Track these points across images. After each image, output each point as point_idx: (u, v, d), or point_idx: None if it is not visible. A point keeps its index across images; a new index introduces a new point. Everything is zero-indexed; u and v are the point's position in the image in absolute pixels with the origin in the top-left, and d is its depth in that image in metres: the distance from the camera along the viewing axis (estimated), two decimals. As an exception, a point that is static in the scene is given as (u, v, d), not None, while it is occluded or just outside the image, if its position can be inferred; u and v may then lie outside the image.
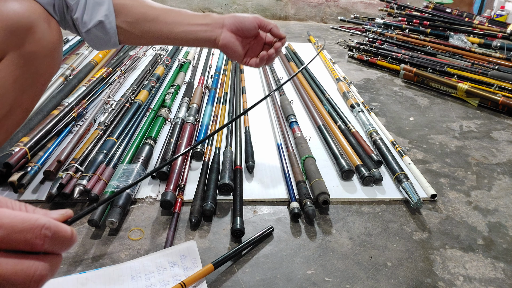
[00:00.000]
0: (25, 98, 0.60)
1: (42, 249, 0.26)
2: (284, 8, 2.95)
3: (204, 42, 0.71)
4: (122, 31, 0.67)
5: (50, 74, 0.64)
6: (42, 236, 0.25)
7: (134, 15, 0.67)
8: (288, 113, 1.21)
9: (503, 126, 1.33)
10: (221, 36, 0.71)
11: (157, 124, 1.09)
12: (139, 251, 0.72)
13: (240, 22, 0.71)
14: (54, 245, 0.26)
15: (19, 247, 0.25)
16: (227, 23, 0.70)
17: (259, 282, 0.67)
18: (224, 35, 0.70)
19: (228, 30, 0.71)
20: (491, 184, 1.00)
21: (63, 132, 1.02)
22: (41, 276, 0.25)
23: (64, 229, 0.27)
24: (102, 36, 0.66)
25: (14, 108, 0.59)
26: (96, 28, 0.65)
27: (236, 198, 0.83)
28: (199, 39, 0.71)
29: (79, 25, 0.65)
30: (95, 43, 0.68)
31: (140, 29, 0.68)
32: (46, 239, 0.25)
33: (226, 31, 0.71)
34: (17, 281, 0.24)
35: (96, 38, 0.67)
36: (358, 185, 0.94)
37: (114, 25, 0.66)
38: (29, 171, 0.84)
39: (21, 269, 0.24)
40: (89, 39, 0.68)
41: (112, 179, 0.84)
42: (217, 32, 0.70)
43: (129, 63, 1.54)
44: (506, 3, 2.75)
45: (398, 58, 1.82)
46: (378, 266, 0.72)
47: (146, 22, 0.67)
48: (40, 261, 0.25)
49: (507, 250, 0.77)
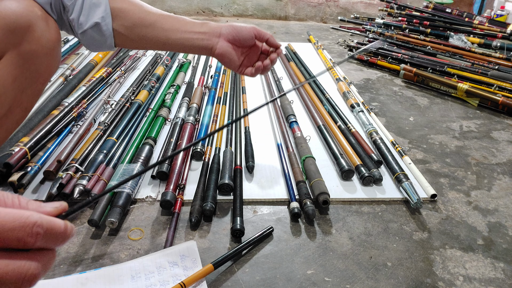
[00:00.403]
0: (24, 97, 0.60)
1: (34, 246, 0.25)
2: (284, 8, 2.95)
3: (201, 50, 0.72)
4: (119, 35, 0.67)
5: (49, 73, 0.64)
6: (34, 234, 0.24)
7: (131, 20, 0.67)
8: (288, 113, 1.21)
9: (503, 126, 1.33)
10: (217, 45, 0.71)
11: (157, 124, 1.09)
12: (139, 251, 0.72)
13: (237, 32, 0.71)
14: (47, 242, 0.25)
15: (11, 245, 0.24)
16: (224, 32, 0.71)
17: (259, 282, 0.67)
18: (221, 44, 0.71)
19: (224, 39, 0.71)
20: (491, 184, 1.00)
21: (63, 132, 1.02)
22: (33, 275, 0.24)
23: (58, 225, 0.26)
24: (98, 38, 0.66)
25: (14, 107, 0.59)
26: (92, 29, 0.64)
27: (236, 198, 0.83)
28: (195, 47, 0.71)
29: (75, 26, 0.65)
30: (90, 44, 0.68)
31: (137, 34, 0.68)
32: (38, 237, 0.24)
33: (223, 40, 0.71)
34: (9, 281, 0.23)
35: (92, 40, 0.67)
36: (358, 185, 0.94)
37: (110, 28, 0.66)
38: (29, 171, 0.84)
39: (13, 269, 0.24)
40: (84, 41, 0.67)
41: (112, 179, 0.84)
42: (214, 41, 0.70)
43: (129, 63, 1.54)
44: (506, 3, 2.75)
45: (398, 58, 1.82)
46: (378, 266, 0.72)
47: (143, 27, 0.67)
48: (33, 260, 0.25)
49: (507, 250, 0.77)
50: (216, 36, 0.70)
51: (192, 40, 0.70)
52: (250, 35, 0.72)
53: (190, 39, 0.69)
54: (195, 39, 0.70)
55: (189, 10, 2.90)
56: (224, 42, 0.71)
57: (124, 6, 0.66)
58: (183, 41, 0.69)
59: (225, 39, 0.71)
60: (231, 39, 0.71)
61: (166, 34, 0.68)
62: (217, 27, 0.71)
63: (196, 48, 0.71)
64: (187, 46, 0.70)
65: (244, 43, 0.73)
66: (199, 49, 0.71)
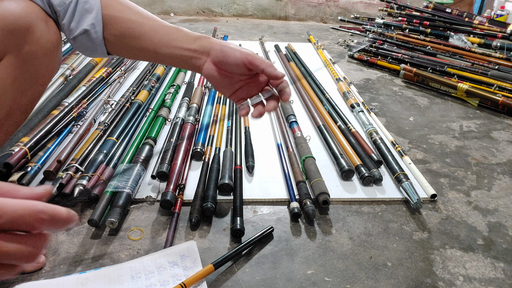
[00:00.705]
0: (24, 99, 0.60)
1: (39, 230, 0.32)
2: (284, 8, 2.95)
3: (189, 67, 0.65)
4: (109, 44, 0.64)
5: (49, 74, 0.63)
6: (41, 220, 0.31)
7: (120, 29, 0.63)
8: (288, 113, 1.21)
9: (503, 126, 1.33)
10: (203, 66, 0.63)
11: (157, 124, 1.09)
12: (139, 251, 0.72)
13: (223, 57, 0.61)
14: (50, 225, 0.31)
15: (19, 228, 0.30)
16: (212, 54, 0.62)
17: (259, 282, 0.67)
18: (206, 65, 0.62)
19: (210, 61, 0.62)
20: (491, 184, 1.00)
21: (63, 132, 1.02)
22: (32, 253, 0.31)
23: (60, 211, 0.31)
24: (88, 45, 0.63)
25: (14, 109, 0.59)
26: (82, 36, 0.62)
27: (236, 198, 0.83)
28: (184, 64, 0.65)
29: (66, 32, 0.63)
30: (83, 51, 0.66)
31: (126, 44, 0.64)
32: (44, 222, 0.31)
33: (209, 61, 0.62)
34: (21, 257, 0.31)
35: (84, 46, 0.64)
36: (358, 185, 0.94)
37: (100, 35, 0.62)
38: (29, 171, 0.84)
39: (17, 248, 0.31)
40: (76, 47, 0.65)
41: (112, 179, 0.84)
42: (202, 61, 0.63)
43: (129, 63, 1.54)
44: (506, 3, 2.75)
45: (398, 58, 1.82)
46: (378, 266, 0.72)
47: (132, 38, 0.63)
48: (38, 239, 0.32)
49: (507, 250, 0.77)
50: (205, 55, 0.62)
51: (181, 57, 0.63)
52: (237, 62, 0.60)
53: (178, 56, 0.63)
54: (183, 56, 0.63)
55: (189, 10, 2.90)
56: (210, 64, 0.62)
57: (116, 15, 0.63)
58: (172, 56, 0.64)
59: (211, 60, 0.62)
60: (216, 62, 0.62)
61: (155, 47, 0.63)
62: (208, 44, 0.62)
63: (185, 65, 0.65)
64: (176, 62, 0.65)
65: (230, 69, 0.62)
66: (188, 66, 0.65)
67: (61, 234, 0.74)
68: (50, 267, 0.67)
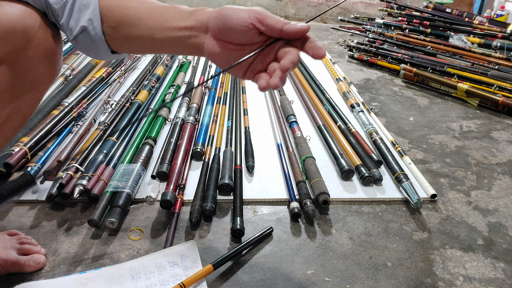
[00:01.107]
0: (23, 104, 0.58)
1: None
2: (284, 8, 2.95)
3: (191, 50, 0.55)
4: (109, 38, 0.57)
5: (49, 80, 0.60)
6: None
7: (116, 19, 0.55)
8: (288, 113, 1.21)
9: (503, 126, 1.33)
10: (205, 44, 0.52)
11: (157, 124, 1.09)
12: (139, 251, 0.72)
13: (225, 22, 0.50)
14: None
15: None
16: (210, 25, 0.51)
17: (259, 282, 0.67)
18: (207, 42, 0.52)
19: (211, 35, 0.52)
20: (491, 184, 1.00)
21: (63, 132, 1.02)
22: None
23: None
24: (89, 43, 0.57)
25: (12, 115, 0.57)
26: (81, 35, 0.56)
27: (236, 198, 0.83)
28: (184, 47, 0.55)
29: (66, 32, 0.57)
30: (86, 51, 0.60)
31: (123, 35, 0.56)
32: None
33: (209, 37, 0.52)
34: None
35: (85, 47, 0.58)
36: (358, 185, 0.94)
37: (99, 31, 0.55)
38: (29, 171, 0.84)
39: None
40: (79, 48, 0.59)
41: (112, 179, 0.84)
42: (202, 38, 0.52)
43: (129, 63, 1.54)
44: (506, 3, 2.75)
45: (398, 58, 1.82)
46: (378, 266, 0.72)
47: (128, 26, 0.55)
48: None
49: (507, 250, 0.77)
50: (203, 30, 0.52)
51: (179, 39, 0.54)
52: (244, 24, 0.49)
53: (176, 38, 0.54)
54: (181, 37, 0.54)
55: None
56: (210, 39, 0.52)
57: (112, 3, 0.56)
58: (169, 41, 0.55)
59: (212, 35, 0.52)
60: (218, 34, 0.51)
61: (151, 33, 0.55)
62: (205, 16, 0.52)
63: (185, 48, 0.55)
64: (176, 46, 0.56)
65: (237, 39, 0.51)
66: (189, 49, 0.55)
67: (61, 234, 0.74)
68: (50, 267, 0.67)
